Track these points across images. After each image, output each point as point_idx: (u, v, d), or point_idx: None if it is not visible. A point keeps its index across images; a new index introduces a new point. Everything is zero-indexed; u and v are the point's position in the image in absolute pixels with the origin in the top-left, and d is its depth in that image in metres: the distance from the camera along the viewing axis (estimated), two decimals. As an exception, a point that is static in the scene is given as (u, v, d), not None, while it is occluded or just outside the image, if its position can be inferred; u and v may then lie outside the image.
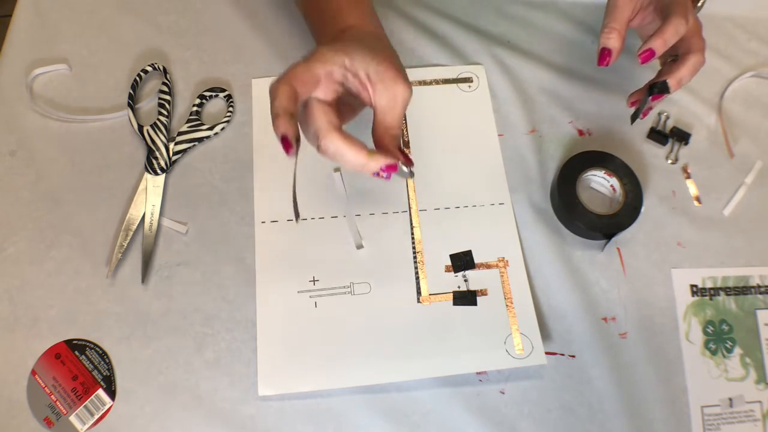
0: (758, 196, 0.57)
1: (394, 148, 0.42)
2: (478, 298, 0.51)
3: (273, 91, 0.38)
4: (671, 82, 0.50)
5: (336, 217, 0.53)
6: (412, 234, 0.53)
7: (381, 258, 0.51)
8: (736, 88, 0.62)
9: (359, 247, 0.52)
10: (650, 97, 0.51)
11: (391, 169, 0.40)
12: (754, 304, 0.53)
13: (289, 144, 0.38)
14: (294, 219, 0.40)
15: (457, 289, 0.51)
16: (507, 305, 0.51)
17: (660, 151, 0.58)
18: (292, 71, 0.39)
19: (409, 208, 0.54)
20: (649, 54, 0.49)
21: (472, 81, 0.60)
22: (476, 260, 0.52)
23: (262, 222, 0.53)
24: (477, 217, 0.54)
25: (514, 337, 0.49)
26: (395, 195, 0.55)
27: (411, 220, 0.53)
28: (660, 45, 0.49)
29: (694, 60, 0.50)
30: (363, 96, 0.42)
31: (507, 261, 0.52)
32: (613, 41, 0.51)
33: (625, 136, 0.59)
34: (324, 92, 0.40)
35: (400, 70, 0.42)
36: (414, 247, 0.52)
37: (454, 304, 0.50)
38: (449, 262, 0.52)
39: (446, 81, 0.60)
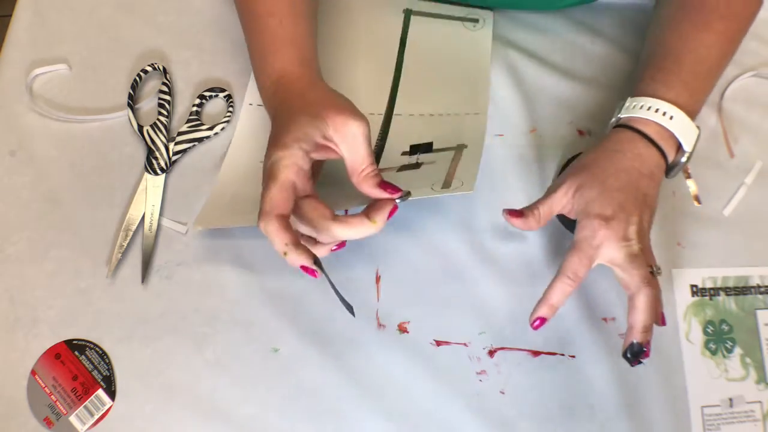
0: (758, 196, 0.57)
1: (375, 187, 0.42)
2: (424, 166, 0.51)
3: (266, 233, 0.39)
4: (637, 337, 0.44)
5: None
6: (381, 130, 0.55)
7: None
8: (736, 88, 0.61)
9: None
10: (633, 364, 0.45)
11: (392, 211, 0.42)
12: (754, 304, 0.53)
13: (311, 271, 0.40)
14: (351, 312, 0.44)
15: (406, 163, 0.52)
16: (450, 165, 0.50)
17: (660, 151, 0.58)
18: (269, 202, 0.39)
19: (386, 110, 0.56)
20: (540, 322, 0.46)
21: (477, 21, 0.62)
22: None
23: (250, 104, 0.56)
24: (449, 122, 0.55)
25: (445, 181, 0.48)
26: (375, 97, 0.57)
27: (384, 121, 0.56)
28: (548, 311, 0.45)
29: (641, 300, 0.44)
30: (332, 155, 0.43)
31: (466, 145, 0.53)
32: (530, 214, 0.48)
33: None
34: (302, 184, 0.41)
35: (346, 107, 0.43)
36: (379, 139, 0.54)
37: (398, 171, 0.51)
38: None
39: (453, 17, 0.62)
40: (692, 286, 0.53)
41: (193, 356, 0.49)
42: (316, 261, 0.40)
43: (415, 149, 0.53)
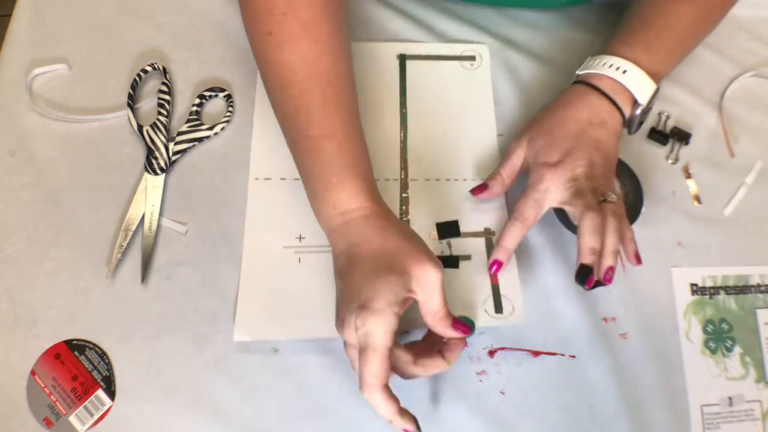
0: (758, 196, 0.57)
1: (449, 328, 0.44)
2: (461, 262, 0.51)
3: (372, 403, 0.41)
4: (585, 259, 0.46)
5: None
6: (401, 201, 0.54)
7: None
8: (736, 88, 0.62)
9: None
10: (586, 286, 0.46)
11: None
12: (754, 303, 0.53)
13: None
14: None
15: (440, 254, 0.52)
16: (490, 271, 0.51)
17: (660, 151, 0.58)
18: (373, 375, 0.40)
19: (401, 177, 0.55)
20: (497, 266, 0.48)
21: (474, 59, 0.61)
22: (462, 230, 0.53)
23: (256, 179, 0.54)
24: (467, 191, 0.54)
25: (494, 300, 0.50)
26: (388, 162, 0.55)
27: (401, 189, 0.54)
28: (502, 254, 0.48)
29: (584, 224, 0.46)
30: (409, 303, 0.43)
31: (493, 232, 0.53)
32: (492, 182, 0.52)
33: (625, 136, 0.58)
34: (391, 342, 0.41)
35: (424, 255, 0.43)
36: (402, 214, 0.53)
37: None
38: (435, 231, 0.53)
39: (449, 57, 0.61)
40: (692, 284, 0.53)
41: (193, 356, 0.49)
42: (417, 423, 0.42)
43: (443, 232, 0.53)
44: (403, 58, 0.60)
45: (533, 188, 0.48)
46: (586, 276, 0.45)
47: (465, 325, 0.44)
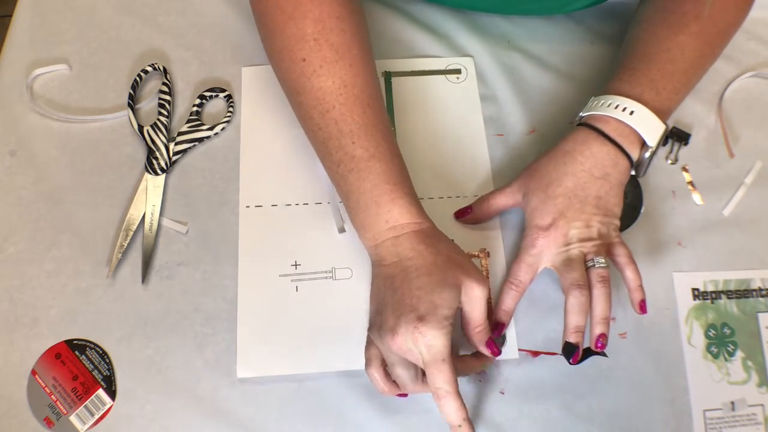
0: (758, 196, 0.57)
1: (482, 343, 0.46)
2: None
3: (447, 408, 0.41)
4: (569, 338, 0.46)
5: (320, 203, 0.53)
6: None
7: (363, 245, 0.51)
8: (735, 88, 0.62)
9: (341, 230, 0.52)
10: (572, 361, 0.46)
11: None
12: (756, 307, 0.53)
13: None
14: None
15: None
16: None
17: (659, 152, 0.58)
18: (451, 383, 0.41)
19: None
20: (501, 327, 0.48)
21: (460, 72, 0.60)
22: None
23: (247, 206, 0.53)
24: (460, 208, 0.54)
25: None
26: None
27: None
28: (503, 316, 0.48)
29: (569, 303, 0.46)
30: (457, 313, 0.45)
31: (488, 252, 0.53)
32: (477, 208, 0.52)
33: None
34: None
35: (472, 271, 0.45)
36: None
37: None
38: None
39: (435, 72, 0.60)
40: (694, 289, 0.53)
41: (193, 356, 0.49)
42: None
43: None
44: (388, 75, 0.59)
45: (526, 252, 0.48)
46: (571, 352, 0.46)
47: (497, 346, 0.46)
